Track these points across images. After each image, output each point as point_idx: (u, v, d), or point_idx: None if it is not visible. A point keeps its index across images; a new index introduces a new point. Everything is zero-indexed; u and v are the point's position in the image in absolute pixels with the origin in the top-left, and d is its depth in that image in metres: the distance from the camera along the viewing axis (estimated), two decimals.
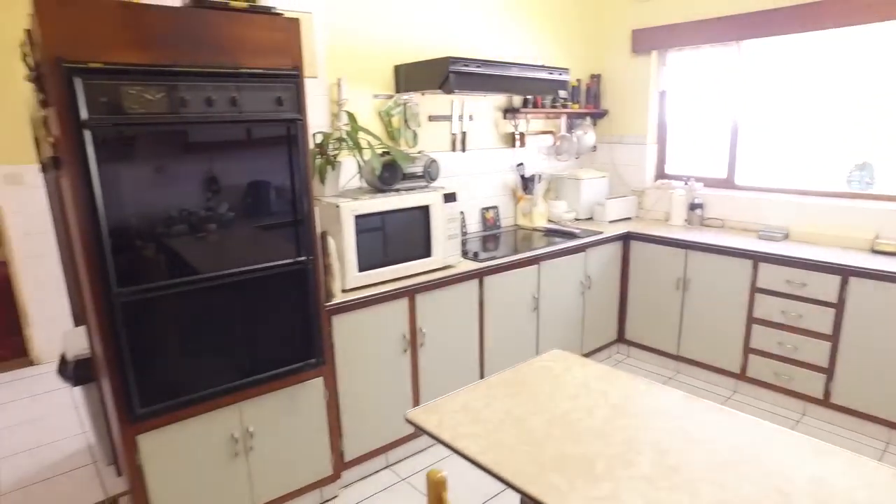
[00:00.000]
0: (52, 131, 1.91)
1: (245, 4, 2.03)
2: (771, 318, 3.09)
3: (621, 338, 3.85)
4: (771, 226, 3.45)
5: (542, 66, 3.13)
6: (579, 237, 3.43)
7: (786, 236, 3.32)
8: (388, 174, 2.60)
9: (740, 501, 1.06)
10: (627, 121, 4.16)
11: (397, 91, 3.12)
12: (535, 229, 3.70)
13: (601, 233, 3.55)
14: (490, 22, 3.51)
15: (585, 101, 4.17)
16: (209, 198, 1.94)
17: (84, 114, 1.67)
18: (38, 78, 1.86)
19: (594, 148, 4.27)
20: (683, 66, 3.88)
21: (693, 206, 3.76)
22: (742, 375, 3.28)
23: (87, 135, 1.69)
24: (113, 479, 2.72)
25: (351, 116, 2.70)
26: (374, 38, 3.01)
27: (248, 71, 1.96)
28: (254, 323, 2.10)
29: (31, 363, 4.09)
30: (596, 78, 4.18)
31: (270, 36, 2.02)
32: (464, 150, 3.50)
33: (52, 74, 1.66)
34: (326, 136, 2.57)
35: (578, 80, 4.09)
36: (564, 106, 3.92)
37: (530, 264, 3.09)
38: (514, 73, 2.99)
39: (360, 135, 2.65)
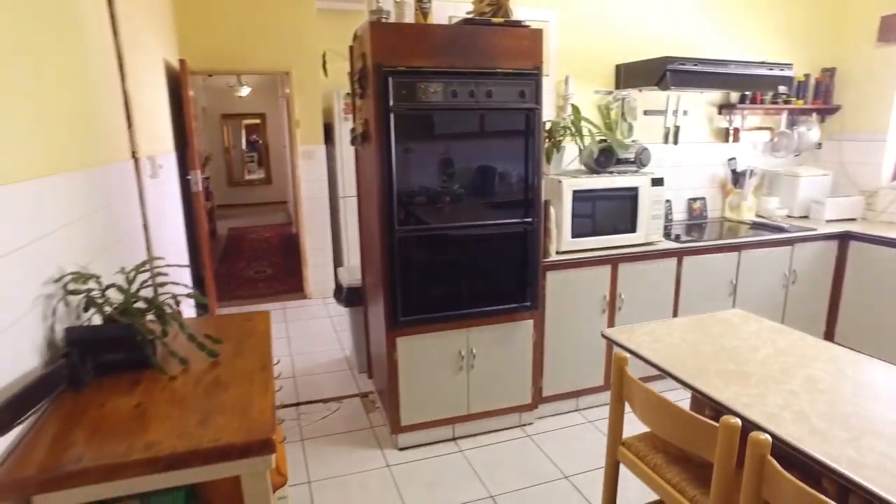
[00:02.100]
0: (364, 115, 2.72)
1: (502, 20, 2.62)
2: None
3: (829, 340, 3.72)
4: None
5: (762, 63, 3.23)
6: (787, 231, 3.44)
7: None
8: (604, 158, 3.02)
9: (872, 419, 1.29)
10: (865, 117, 3.94)
11: (617, 87, 3.50)
12: (741, 222, 3.78)
13: (813, 229, 3.51)
14: (713, 20, 3.67)
15: (814, 97, 4.05)
16: (451, 175, 2.58)
17: (391, 102, 2.40)
18: (359, 79, 2.67)
19: (819, 145, 4.12)
20: None
21: None
22: None
23: (392, 117, 2.42)
24: (364, 381, 3.59)
25: (575, 108, 3.17)
26: (598, 40, 3.42)
27: (502, 70, 2.54)
28: (486, 267, 2.70)
29: (304, 297, 5.35)
30: (829, 72, 4.03)
31: (519, 43, 2.58)
32: (675, 142, 3.73)
33: (374, 75, 2.41)
34: (554, 124, 3.07)
35: (807, 75, 4.00)
36: (787, 102, 3.88)
37: (730, 251, 3.25)
38: (731, 70, 3.16)
39: (583, 124, 3.10)
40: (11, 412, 1.22)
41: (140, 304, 1.68)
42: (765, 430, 1.22)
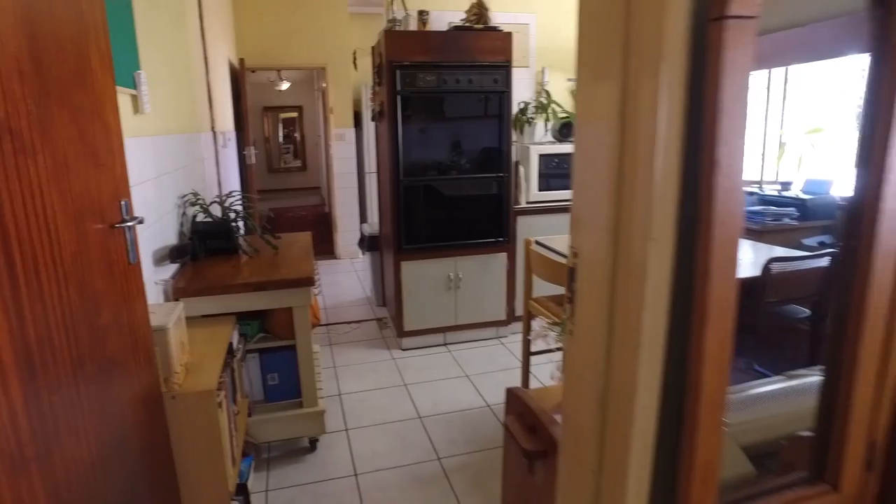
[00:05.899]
0: (380, 98, 3.65)
1: (481, 26, 3.51)
2: None
3: None
4: None
5: None
6: None
7: None
8: (566, 130, 3.88)
9: None
10: None
11: None
12: None
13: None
14: None
15: None
16: (442, 141, 3.49)
17: (398, 87, 3.32)
18: (378, 71, 3.60)
19: None
20: None
21: None
22: None
23: (398, 99, 3.34)
24: (380, 310, 4.54)
25: (547, 93, 4.04)
26: (570, 37, 4.27)
27: (480, 63, 3.43)
28: (469, 210, 3.61)
29: (335, 257, 6.34)
30: None
31: (494, 43, 3.46)
32: None
33: (386, 68, 3.34)
34: (526, 104, 3.96)
35: None
36: None
37: None
38: None
39: (552, 106, 3.97)
40: (174, 255, 2.20)
41: (231, 214, 2.65)
42: None
